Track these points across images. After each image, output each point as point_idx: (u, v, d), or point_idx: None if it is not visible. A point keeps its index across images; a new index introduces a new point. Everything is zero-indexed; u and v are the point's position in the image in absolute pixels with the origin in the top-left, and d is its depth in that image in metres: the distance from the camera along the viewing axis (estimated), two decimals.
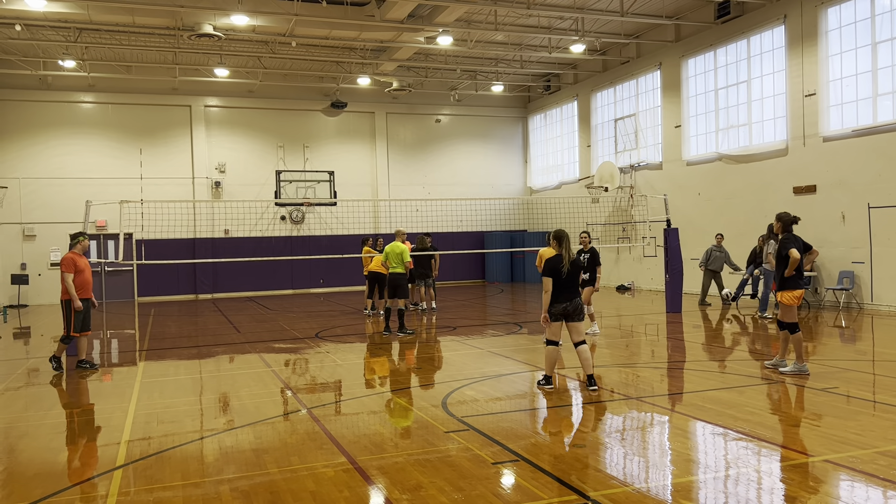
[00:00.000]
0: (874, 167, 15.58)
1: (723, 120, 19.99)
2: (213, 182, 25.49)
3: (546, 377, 8.37)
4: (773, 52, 18.21)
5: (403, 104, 27.96)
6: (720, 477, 5.18)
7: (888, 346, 11.02)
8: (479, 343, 12.27)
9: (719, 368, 9.49)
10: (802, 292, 8.88)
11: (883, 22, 15.50)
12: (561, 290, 8.20)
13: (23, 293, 23.46)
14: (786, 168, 17.66)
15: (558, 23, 21.14)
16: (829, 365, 9.30)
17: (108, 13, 18.41)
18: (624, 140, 23.93)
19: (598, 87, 25.35)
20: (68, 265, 10.60)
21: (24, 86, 23.56)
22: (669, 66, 21.67)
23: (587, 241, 12.48)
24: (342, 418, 7.40)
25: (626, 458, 5.74)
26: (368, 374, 10.16)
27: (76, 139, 24.34)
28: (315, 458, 5.83)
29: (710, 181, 20.18)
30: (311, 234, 26.64)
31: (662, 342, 12.27)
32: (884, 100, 15.57)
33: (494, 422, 6.86)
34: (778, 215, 8.99)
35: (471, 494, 4.86)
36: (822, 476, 5.13)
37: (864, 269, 15.89)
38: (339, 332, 14.56)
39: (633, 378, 9.03)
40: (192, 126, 25.55)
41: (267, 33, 20.34)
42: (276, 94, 26.29)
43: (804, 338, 10.16)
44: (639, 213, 22.63)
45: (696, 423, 6.65)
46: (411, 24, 19.16)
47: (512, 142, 29.99)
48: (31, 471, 5.81)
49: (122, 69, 23.53)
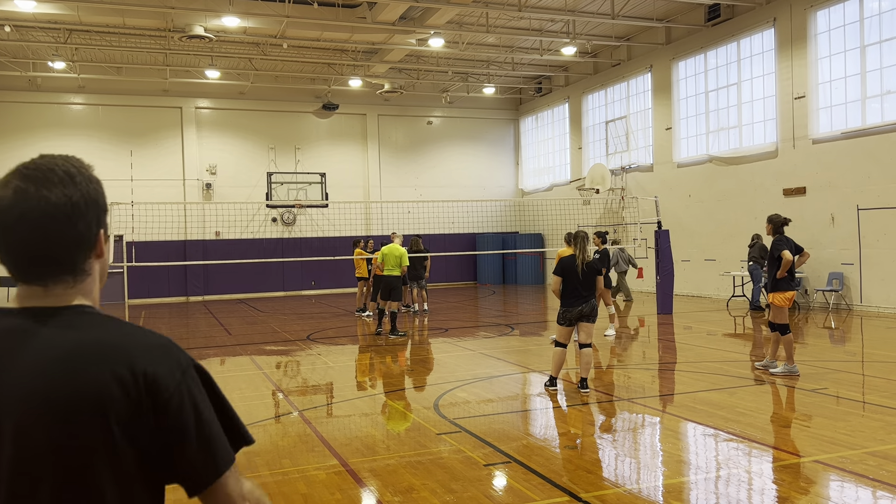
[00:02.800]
0: (863, 169, 15.68)
1: (713, 122, 20.08)
2: (204, 184, 25.40)
3: (552, 378, 8.33)
4: (762, 55, 18.31)
5: (395, 106, 27.95)
6: (711, 478, 5.20)
7: (877, 346, 11.09)
8: (471, 345, 12.27)
9: (710, 369, 9.53)
10: (794, 294, 8.92)
11: (872, 25, 15.61)
12: (577, 291, 8.06)
13: (11, 296, 23.31)
14: (775, 170, 17.76)
15: (549, 25, 21.19)
16: (819, 366, 9.35)
17: (99, 14, 18.32)
18: (615, 142, 24.00)
19: (589, 89, 25.42)
20: None
21: (14, 87, 23.42)
22: (660, 68, 21.76)
23: (599, 243, 12.68)
24: (334, 420, 7.39)
25: (617, 459, 5.76)
26: (360, 377, 10.15)
27: (66, 141, 24.19)
28: (307, 460, 5.82)
29: (701, 183, 20.27)
30: (302, 235, 26.58)
31: (654, 343, 12.31)
32: (872, 102, 15.68)
33: (486, 423, 6.86)
34: (769, 217, 9.04)
35: (463, 496, 4.86)
36: (813, 476, 5.16)
37: (853, 270, 15.99)
38: (331, 333, 14.54)
39: (624, 379, 9.06)
40: (182, 128, 25.46)
41: (258, 35, 20.30)
42: (268, 95, 26.23)
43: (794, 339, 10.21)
44: (630, 215, 22.70)
45: (688, 424, 6.67)
46: (403, 26, 19.16)
47: (503, 144, 30.02)
48: None
49: (113, 70, 23.43)
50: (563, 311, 8.15)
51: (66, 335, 1.32)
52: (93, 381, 1.28)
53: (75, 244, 1.37)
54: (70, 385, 1.27)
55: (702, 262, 20.08)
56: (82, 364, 1.29)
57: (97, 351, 1.31)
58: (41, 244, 1.33)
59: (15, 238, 1.33)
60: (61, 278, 1.37)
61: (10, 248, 1.34)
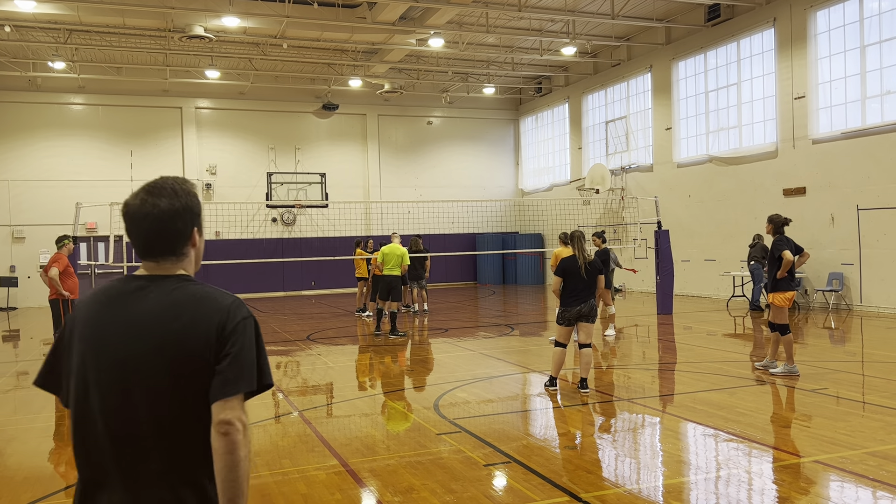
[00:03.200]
0: (863, 169, 15.68)
1: (713, 122, 20.08)
2: (204, 184, 25.39)
3: (552, 378, 8.32)
4: (762, 55, 18.31)
5: (395, 106, 27.95)
6: (711, 478, 5.20)
7: (877, 347, 11.09)
8: (471, 345, 12.27)
9: (710, 370, 9.53)
10: (794, 294, 8.92)
11: (871, 25, 15.61)
12: (577, 291, 8.06)
13: (11, 295, 23.31)
14: (775, 170, 17.76)
15: (549, 25, 21.19)
16: (819, 366, 9.35)
17: (99, 14, 18.32)
18: (615, 142, 24.00)
19: (589, 89, 25.42)
20: (62, 260, 10.58)
21: (14, 87, 23.41)
22: (660, 68, 21.76)
23: (599, 243, 12.69)
24: (334, 421, 7.39)
25: (617, 459, 5.75)
26: (360, 377, 10.14)
27: (66, 141, 24.20)
28: (307, 460, 5.82)
29: (701, 183, 20.27)
30: (302, 235, 26.58)
31: (654, 343, 12.31)
32: (872, 102, 15.68)
33: (486, 423, 6.86)
34: (770, 217, 9.03)
35: (463, 496, 4.86)
36: (813, 477, 5.15)
37: (853, 270, 15.99)
38: (331, 334, 14.54)
39: (624, 379, 9.06)
40: (182, 128, 25.46)
41: (258, 35, 20.30)
42: (268, 95, 26.23)
43: (794, 339, 10.20)
44: (630, 215, 22.70)
45: (688, 424, 6.67)
46: (403, 26, 19.16)
47: (503, 144, 30.02)
48: (20, 475, 5.77)
49: (113, 70, 23.42)
50: (562, 311, 8.15)
51: (172, 291, 2.02)
52: (190, 320, 1.96)
53: (175, 236, 2.07)
54: (176, 323, 1.96)
55: (702, 262, 20.09)
56: (183, 309, 1.98)
57: (193, 301, 2.00)
58: (154, 234, 2.05)
59: (139, 230, 2.05)
60: (167, 257, 2.08)
61: (136, 236, 2.05)
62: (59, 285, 10.47)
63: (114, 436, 1.92)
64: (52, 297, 10.67)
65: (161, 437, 1.92)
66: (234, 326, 1.96)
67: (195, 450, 1.93)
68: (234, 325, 1.97)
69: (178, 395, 1.92)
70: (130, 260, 23.03)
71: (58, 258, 10.66)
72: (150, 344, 1.94)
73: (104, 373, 1.95)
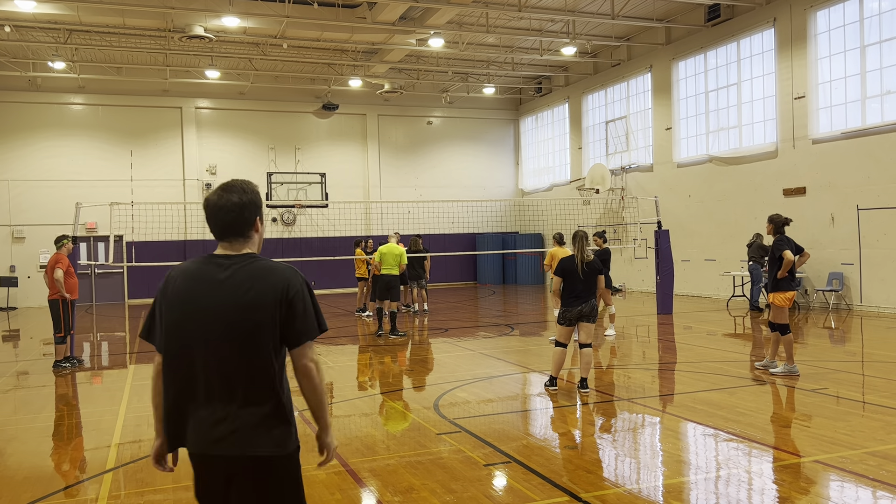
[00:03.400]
0: (863, 169, 15.68)
1: (713, 122, 20.08)
2: (204, 184, 25.39)
3: (552, 378, 8.32)
4: (762, 55, 18.31)
5: (395, 106, 27.95)
6: (711, 478, 5.20)
7: (877, 346, 11.09)
8: (471, 345, 12.27)
9: (710, 369, 9.53)
10: (794, 294, 8.92)
11: (871, 25, 15.61)
12: (577, 292, 8.05)
13: (11, 295, 23.31)
14: (775, 170, 17.76)
15: (549, 25, 21.18)
16: (819, 366, 9.35)
17: (99, 14, 18.32)
18: (615, 142, 23.99)
19: (589, 89, 25.42)
20: (64, 261, 10.58)
21: (14, 87, 23.41)
22: (660, 68, 21.76)
23: (601, 243, 12.68)
24: (334, 421, 7.38)
25: (617, 459, 5.75)
26: (360, 377, 10.15)
27: (66, 141, 24.20)
28: (307, 460, 5.79)
29: (701, 183, 20.27)
30: (302, 235, 26.58)
31: (654, 343, 12.31)
32: (872, 102, 15.68)
33: (486, 423, 6.86)
34: (770, 217, 9.03)
35: (463, 496, 4.86)
36: (813, 476, 5.16)
37: (853, 270, 15.99)
38: (331, 334, 14.54)
39: (624, 379, 9.06)
40: (182, 128, 25.46)
41: (258, 35, 20.30)
42: (268, 95, 26.22)
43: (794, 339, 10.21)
44: (630, 215, 22.70)
45: (688, 424, 6.67)
46: (403, 26, 19.16)
47: (503, 144, 30.02)
48: (21, 475, 5.77)
49: (113, 70, 23.42)
50: (562, 311, 8.14)
51: (245, 266, 2.68)
52: (262, 289, 2.62)
53: (243, 223, 2.74)
54: (252, 291, 2.61)
55: (702, 262, 20.09)
56: (255, 281, 2.63)
57: (262, 273, 2.66)
58: (227, 222, 2.73)
59: (217, 218, 2.73)
60: (237, 240, 2.75)
61: (214, 223, 2.74)
62: (62, 287, 10.47)
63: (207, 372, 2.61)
64: (53, 297, 10.67)
65: (238, 370, 2.60)
66: (296, 292, 2.65)
67: (264, 377, 2.64)
68: (295, 291, 2.65)
69: (251, 342, 2.59)
70: (130, 260, 23.04)
71: (60, 259, 10.66)
72: (230, 304, 2.59)
73: (197, 329, 2.61)
